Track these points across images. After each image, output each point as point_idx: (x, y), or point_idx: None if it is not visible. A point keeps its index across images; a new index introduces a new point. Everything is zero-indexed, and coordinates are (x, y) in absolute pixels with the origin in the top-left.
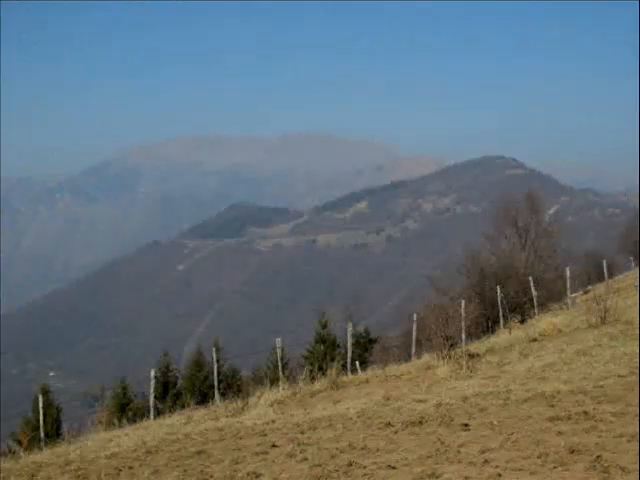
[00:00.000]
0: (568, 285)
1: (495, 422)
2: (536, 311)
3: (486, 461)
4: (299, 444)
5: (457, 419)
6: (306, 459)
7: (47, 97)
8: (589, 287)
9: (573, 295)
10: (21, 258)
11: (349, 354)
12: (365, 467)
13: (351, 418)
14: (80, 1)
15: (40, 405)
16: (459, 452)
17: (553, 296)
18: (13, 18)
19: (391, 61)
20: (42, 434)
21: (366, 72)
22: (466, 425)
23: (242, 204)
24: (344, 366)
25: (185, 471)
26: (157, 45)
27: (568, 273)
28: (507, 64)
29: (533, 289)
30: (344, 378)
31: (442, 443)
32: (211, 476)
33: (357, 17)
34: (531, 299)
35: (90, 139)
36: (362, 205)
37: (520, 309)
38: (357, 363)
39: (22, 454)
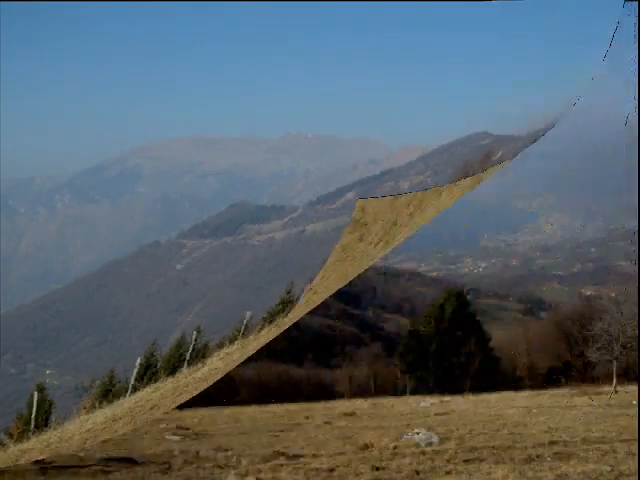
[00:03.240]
0: None
1: None
2: None
3: None
4: None
5: None
6: None
7: (47, 97)
8: None
9: None
10: (21, 258)
11: None
12: None
13: None
14: (81, 1)
15: (35, 400)
16: None
17: None
18: (13, 18)
19: (391, 61)
20: (32, 426)
21: (367, 72)
22: None
23: (241, 204)
24: None
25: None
26: (157, 45)
27: None
28: (507, 64)
29: None
30: None
31: None
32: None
33: (354, 17)
34: None
35: (90, 139)
36: (351, 195)
37: None
38: None
39: (11, 445)
